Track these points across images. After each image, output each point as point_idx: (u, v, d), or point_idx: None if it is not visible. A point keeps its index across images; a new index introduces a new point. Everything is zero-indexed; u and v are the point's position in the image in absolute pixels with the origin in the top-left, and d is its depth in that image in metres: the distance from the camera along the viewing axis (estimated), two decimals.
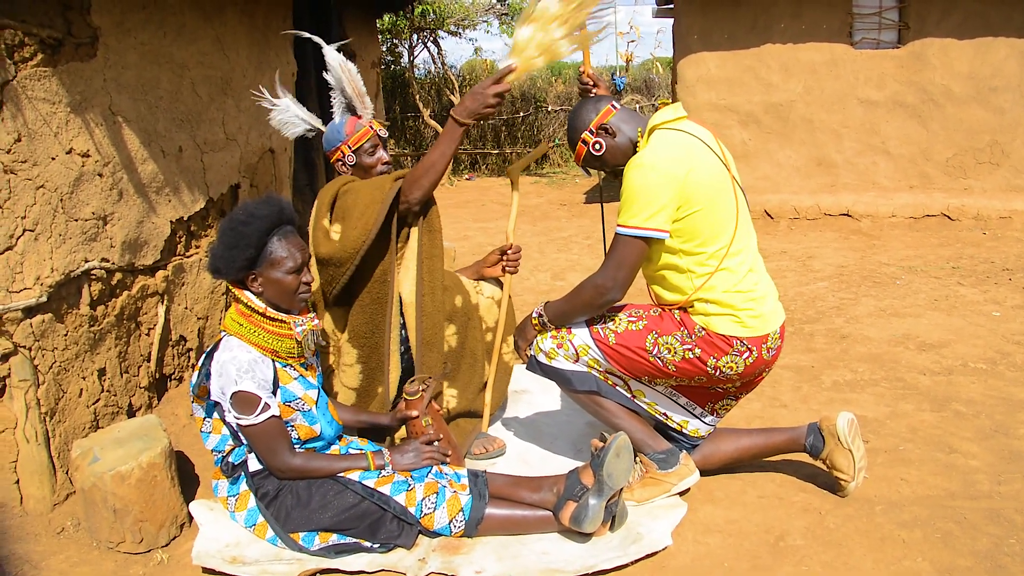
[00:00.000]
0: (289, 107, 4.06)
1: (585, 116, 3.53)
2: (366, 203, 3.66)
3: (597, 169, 3.67)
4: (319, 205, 3.82)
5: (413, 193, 3.73)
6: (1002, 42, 9.50)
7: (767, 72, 10.19)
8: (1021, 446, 4.05)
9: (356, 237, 3.66)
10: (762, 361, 3.41)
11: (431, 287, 3.90)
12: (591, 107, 3.54)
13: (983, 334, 5.77)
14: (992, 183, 9.82)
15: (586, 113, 3.53)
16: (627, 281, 3.35)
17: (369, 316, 3.84)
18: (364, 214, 3.65)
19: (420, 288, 3.86)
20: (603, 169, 3.64)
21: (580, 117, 3.54)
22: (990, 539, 3.27)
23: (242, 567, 3.16)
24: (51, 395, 3.65)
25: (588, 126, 3.51)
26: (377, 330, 3.85)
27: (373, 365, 3.89)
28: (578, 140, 3.54)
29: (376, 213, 3.65)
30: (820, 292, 7.06)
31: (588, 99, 3.61)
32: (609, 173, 3.69)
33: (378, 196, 3.67)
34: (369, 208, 3.66)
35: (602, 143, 3.50)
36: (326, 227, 3.77)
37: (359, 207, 3.67)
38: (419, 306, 3.86)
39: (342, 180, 3.85)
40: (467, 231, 10.75)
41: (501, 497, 3.36)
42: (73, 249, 3.74)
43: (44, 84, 3.57)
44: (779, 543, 3.31)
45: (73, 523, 3.57)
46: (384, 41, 17.99)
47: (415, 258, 3.86)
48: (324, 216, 3.79)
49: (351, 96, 3.97)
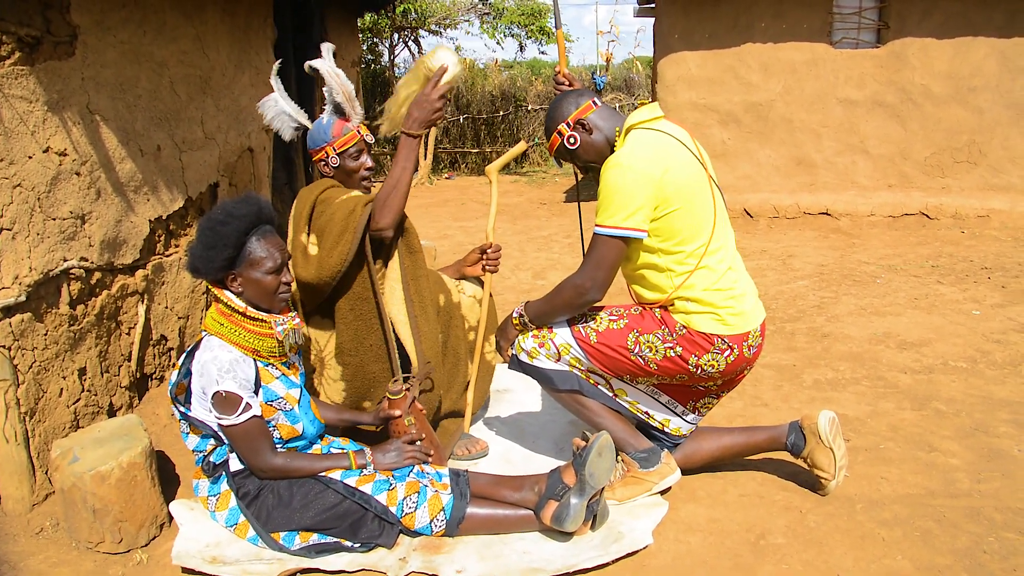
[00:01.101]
0: (279, 101, 4.02)
1: (564, 108, 3.54)
2: (339, 231, 3.61)
3: (568, 162, 3.68)
4: (297, 219, 3.78)
5: (385, 218, 3.65)
6: (981, 42, 9.55)
7: (747, 71, 10.21)
8: (1001, 444, 4.07)
9: (332, 266, 3.62)
10: (743, 359, 3.41)
11: (422, 307, 3.88)
12: (572, 100, 3.55)
13: (963, 332, 5.80)
14: (970, 182, 9.88)
15: (566, 105, 3.54)
16: (606, 281, 3.35)
17: (354, 333, 3.80)
18: (338, 243, 3.61)
19: (411, 310, 3.83)
20: (574, 163, 3.65)
21: (560, 108, 3.55)
22: (970, 537, 3.29)
23: (222, 567, 3.14)
24: (31, 395, 3.62)
25: (566, 119, 3.52)
26: (362, 347, 3.82)
27: (358, 384, 3.86)
28: (554, 131, 3.56)
29: (349, 243, 3.60)
30: (800, 291, 7.08)
31: (571, 92, 3.61)
32: (580, 167, 3.70)
33: (351, 224, 3.61)
34: (343, 237, 3.61)
35: (577, 138, 3.51)
36: (304, 243, 3.73)
37: (332, 234, 3.62)
38: (415, 327, 3.82)
39: (319, 188, 3.81)
40: (447, 230, 10.74)
41: (483, 496, 3.35)
42: (51, 248, 3.71)
43: (21, 82, 3.54)
44: (760, 542, 3.31)
45: (52, 523, 3.55)
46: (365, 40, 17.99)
47: (399, 279, 3.82)
48: (302, 230, 3.75)
49: (341, 101, 3.94)
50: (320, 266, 3.63)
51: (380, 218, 3.65)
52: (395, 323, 3.79)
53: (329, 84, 3.91)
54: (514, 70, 23.54)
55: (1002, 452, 3.99)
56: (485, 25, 20.41)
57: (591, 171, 3.69)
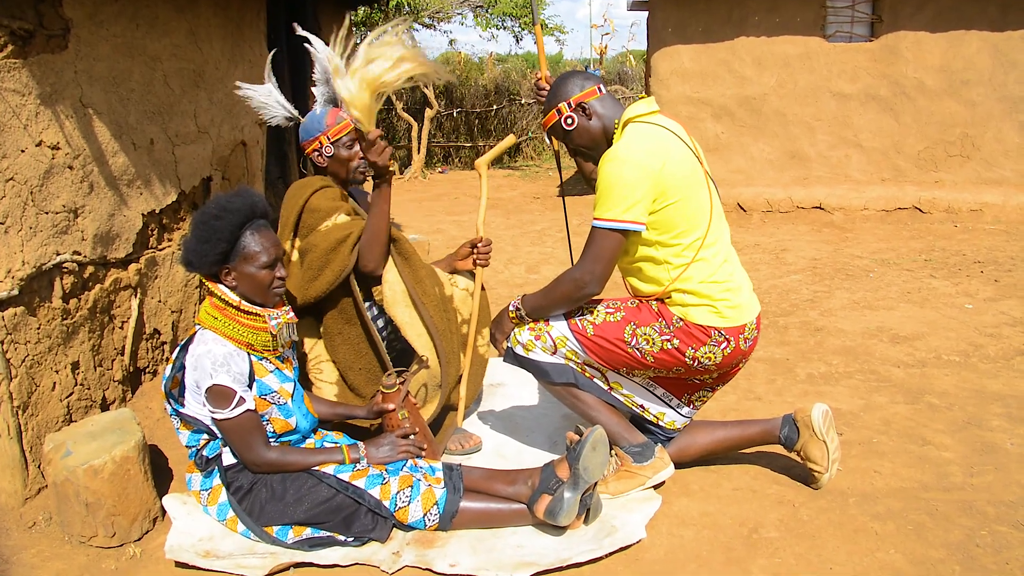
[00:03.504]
0: (271, 92, 4.01)
1: (569, 88, 3.51)
2: (319, 265, 3.70)
3: (560, 140, 3.66)
4: (284, 222, 3.79)
5: (369, 263, 3.73)
6: (974, 35, 9.57)
7: (741, 65, 10.22)
8: (993, 438, 4.08)
9: (311, 295, 3.72)
10: (739, 351, 3.42)
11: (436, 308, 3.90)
12: (578, 81, 3.52)
13: (956, 326, 5.81)
14: (963, 176, 9.90)
15: (571, 85, 3.52)
16: (605, 274, 3.35)
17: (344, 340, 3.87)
18: (317, 276, 3.70)
19: (423, 312, 3.83)
20: (566, 143, 3.63)
21: (564, 87, 3.52)
22: (962, 530, 3.30)
23: (215, 561, 3.14)
24: (23, 389, 3.61)
25: (568, 98, 3.49)
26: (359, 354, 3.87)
27: (349, 387, 3.91)
28: (553, 108, 3.54)
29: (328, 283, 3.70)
30: (794, 285, 7.09)
31: (579, 72, 3.59)
32: (570, 150, 3.68)
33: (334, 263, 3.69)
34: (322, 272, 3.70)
35: (575, 119, 3.50)
36: (288, 249, 3.77)
37: (313, 266, 3.70)
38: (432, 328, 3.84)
39: (308, 190, 3.80)
40: (440, 224, 10.73)
41: (476, 491, 3.35)
42: (44, 242, 3.70)
43: (14, 76, 3.53)
44: (753, 535, 3.32)
45: (45, 517, 3.54)
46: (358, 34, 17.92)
47: (400, 283, 3.83)
48: (287, 237, 3.77)
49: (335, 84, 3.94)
50: (302, 290, 3.73)
51: (366, 263, 3.74)
52: (402, 326, 3.80)
53: (324, 68, 3.90)
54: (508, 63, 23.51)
55: (995, 446, 4.00)
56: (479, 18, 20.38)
57: (580, 155, 3.69)
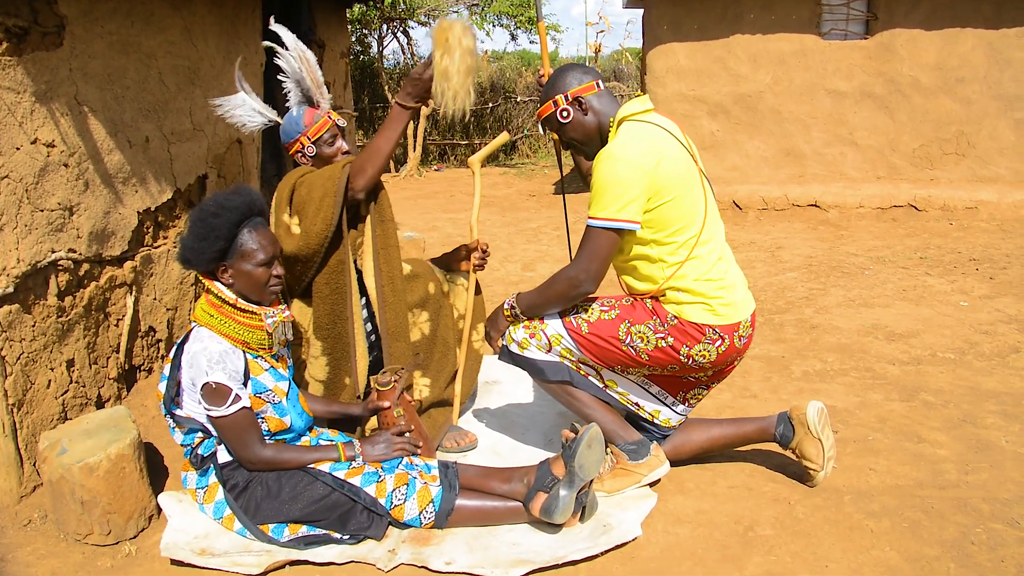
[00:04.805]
0: (245, 100, 4.00)
1: (568, 80, 3.51)
2: (320, 196, 3.62)
3: (554, 131, 3.66)
4: (278, 200, 3.78)
5: (357, 181, 3.68)
6: (969, 33, 9.57)
7: (736, 63, 10.22)
8: (989, 436, 4.09)
9: (318, 232, 3.63)
10: (734, 349, 3.42)
11: (390, 277, 3.87)
12: (577, 75, 3.52)
13: (951, 324, 5.82)
14: (958, 173, 9.90)
15: (570, 78, 3.51)
16: (600, 273, 3.35)
17: (330, 307, 3.80)
18: (320, 208, 3.62)
19: (379, 280, 3.84)
20: (559, 135, 3.63)
21: (563, 79, 3.52)
22: (957, 528, 3.31)
23: (211, 559, 3.14)
24: (19, 386, 3.61)
25: (565, 91, 3.49)
26: (339, 320, 3.81)
27: (338, 356, 3.86)
28: (550, 99, 3.53)
29: (332, 206, 3.62)
30: (789, 282, 7.09)
31: (579, 66, 3.59)
32: (563, 142, 3.68)
33: (330, 188, 3.63)
34: (324, 201, 3.62)
35: (570, 112, 3.49)
36: (287, 222, 3.74)
37: (314, 202, 3.63)
38: (381, 297, 3.84)
39: (299, 172, 3.80)
40: (436, 222, 10.71)
41: (472, 488, 3.36)
42: (39, 240, 3.70)
43: (9, 73, 3.52)
44: (748, 533, 3.32)
45: (40, 515, 3.54)
46: (353, 31, 17.94)
47: (371, 249, 3.84)
48: (284, 211, 3.76)
49: (309, 86, 3.93)
50: (307, 235, 3.65)
51: (355, 180, 3.68)
52: (368, 292, 3.82)
53: (295, 67, 3.89)
54: (503, 61, 23.49)
55: (990, 443, 4.01)
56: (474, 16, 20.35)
57: (573, 148, 3.68)
